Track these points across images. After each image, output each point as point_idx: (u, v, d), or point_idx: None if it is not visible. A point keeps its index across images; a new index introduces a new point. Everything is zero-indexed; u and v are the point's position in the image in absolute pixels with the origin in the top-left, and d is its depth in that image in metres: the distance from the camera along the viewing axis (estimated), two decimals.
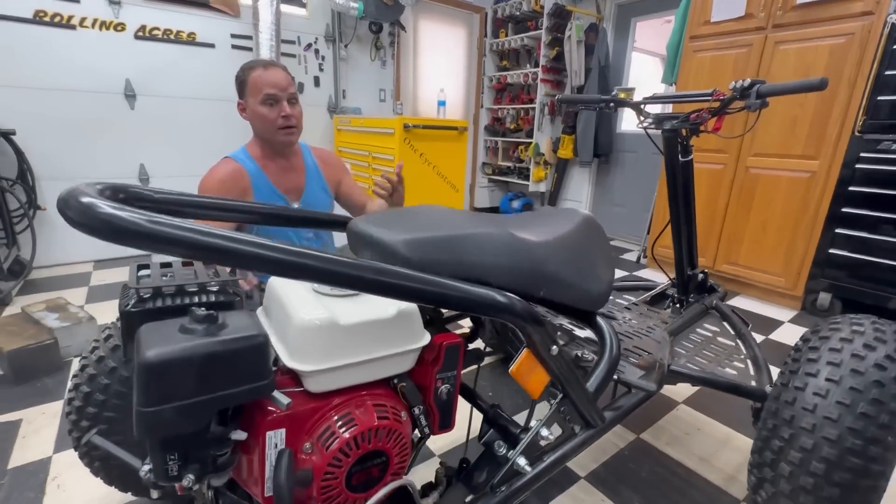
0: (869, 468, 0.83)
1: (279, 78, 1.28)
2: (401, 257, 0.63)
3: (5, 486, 1.12)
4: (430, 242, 0.64)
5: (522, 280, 0.71)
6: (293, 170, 1.41)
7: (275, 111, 1.27)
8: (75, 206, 0.42)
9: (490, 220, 0.78)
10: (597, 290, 0.84)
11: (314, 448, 0.55)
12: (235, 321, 0.49)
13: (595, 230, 0.96)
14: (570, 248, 0.82)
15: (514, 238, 0.71)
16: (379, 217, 0.72)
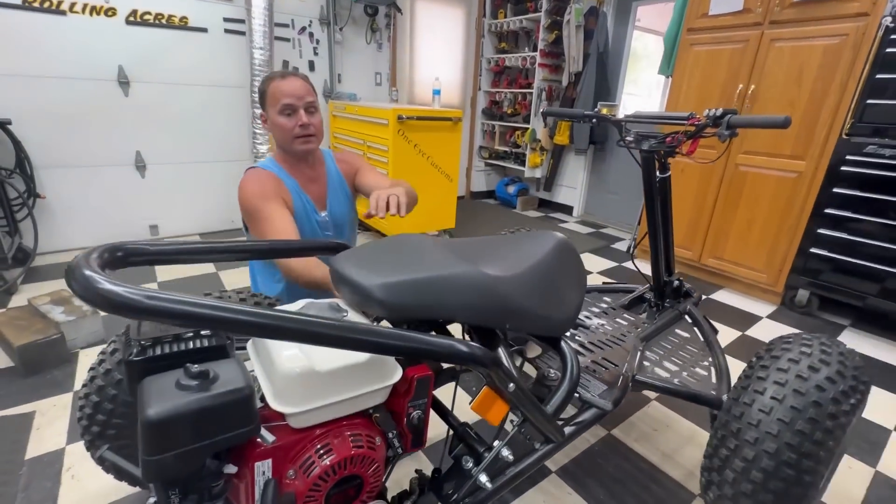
0: (801, 478, 0.93)
1: (296, 87, 1.26)
2: (375, 300, 0.70)
3: (24, 476, 1.22)
4: (403, 286, 0.71)
5: (488, 317, 0.78)
6: (317, 180, 1.41)
7: (292, 121, 1.27)
8: (79, 279, 0.48)
9: (463, 255, 0.84)
10: (561, 318, 0.91)
11: (297, 474, 0.63)
12: (225, 373, 0.57)
13: (566, 254, 1.02)
14: (538, 279, 0.88)
15: (482, 276, 0.78)
16: (357, 257, 0.78)
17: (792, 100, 2.29)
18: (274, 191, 1.26)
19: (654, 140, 1.25)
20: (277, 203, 1.24)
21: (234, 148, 3.19)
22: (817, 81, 2.19)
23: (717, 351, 1.39)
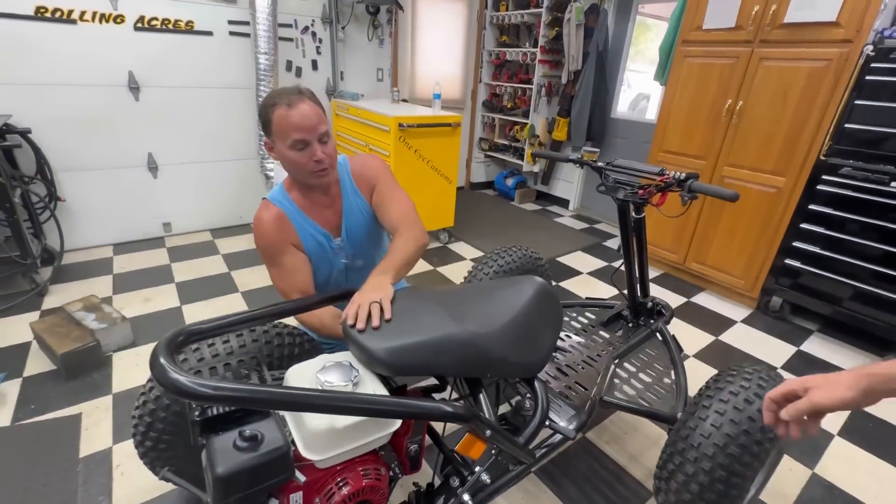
0: (729, 493, 1.13)
1: (307, 118, 1.12)
2: (379, 362, 0.88)
3: (81, 472, 1.44)
4: (402, 350, 0.88)
5: (472, 369, 0.96)
6: (331, 204, 1.32)
7: (305, 155, 1.15)
8: (156, 368, 0.67)
9: (452, 312, 1.00)
10: (535, 360, 1.09)
11: (322, 502, 0.82)
12: (268, 432, 0.75)
13: (543, 299, 1.18)
14: (515, 330, 1.05)
15: (467, 335, 0.95)
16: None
17: (777, 118, 2.39)
18: (280, 242, 1.24)
19: (629, 190, 1.39)
20: (286, 252, 1.24)
21: (241, 147, 3.31)
22: (801, 102, 2.29)
23: (679, 370, 1.58)
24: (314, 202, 1.30)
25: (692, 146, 2.78)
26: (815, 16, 2.16)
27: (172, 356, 0.72)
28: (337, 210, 1.33)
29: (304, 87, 1.20)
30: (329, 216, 1.32)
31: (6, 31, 2.40)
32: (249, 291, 2.58)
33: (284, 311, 1.07)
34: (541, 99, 4.11)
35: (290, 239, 1.27)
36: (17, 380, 1.81)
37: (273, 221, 1.24)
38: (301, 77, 3.41)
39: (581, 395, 1.33)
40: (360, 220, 1.36)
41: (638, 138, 3.77)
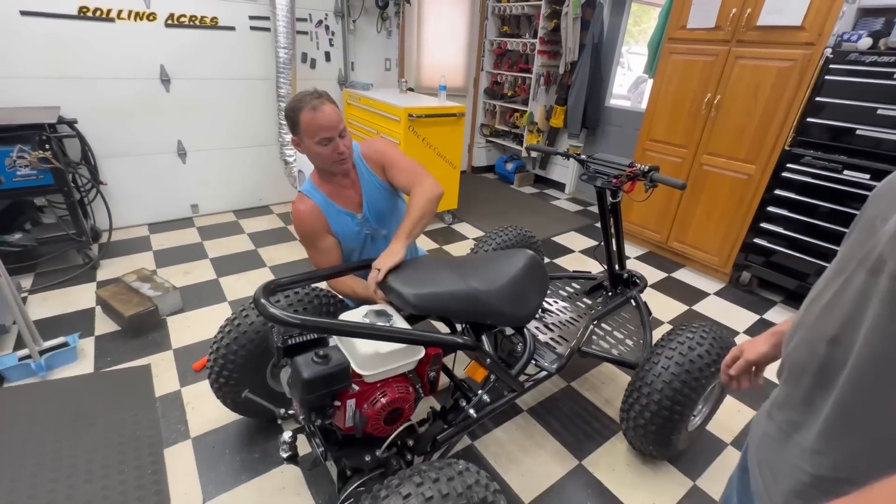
0: (673, 417, 1.46)
1: (330, 119, 1.35)
2: (410, 304, 1.19)
3: (159, 407, 1.78)
4: (425, 297, 1.20)
5: (475, 315, 1.28)
6: (351, 185, 1.54)
7: (329, 149, 1.39)
8: (260, 306, 0.99)
9: (461, 274, 1.31)
10: (525, 314, 1.41)
11: (368, 406, 1.15)
12: (334, 354, 1.07)
13: (533, 268, 1.49)
14: (509, 289, 1.37)
15: (473, 290, 1.26)
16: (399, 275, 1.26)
17: (749, 111, 2.66)
18: (316, 230, 1.48)
19: (605, 178, 1.69)
20: (321, 238, 1.50)
21: (262, 134, 3.58)
22: (770, 98, 2.56)
23: (647, 329, 1.90)
24: (338, 186, 1.53)
25: (676, 135, 3.05)
26: (784, 20, 2.41)
27: (268, 299, 1.04)
28: (357, 189, 1.56)
29: (321, 90, 1.42)
30: (352, 195, 1.56)
31: (54, 31, 2.65)
32: (276, 266, 2.90)
33: (331, 275, 1.39)
34: (539, 88, 4.34)
35: (324, 226, 1.51)
36: (91, 338, 2.14)
37: (309, 213, 1.49)
38: (315, 68, 3.65)
39: (563, 346, 1.66)
40: (377, 194, 1.58)
41: (630, 126, 4.02)
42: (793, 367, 0.61)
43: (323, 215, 1.51)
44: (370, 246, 1.64)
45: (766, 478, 0.63)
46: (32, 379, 1.86)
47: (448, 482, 0.95)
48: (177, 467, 1.56)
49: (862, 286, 0.51)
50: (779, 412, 0.64)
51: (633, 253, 3.44)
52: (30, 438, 1.56)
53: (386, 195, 1.61)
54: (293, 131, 1.42)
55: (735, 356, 0.86)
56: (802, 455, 0.57)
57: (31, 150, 2.33)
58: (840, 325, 0.53)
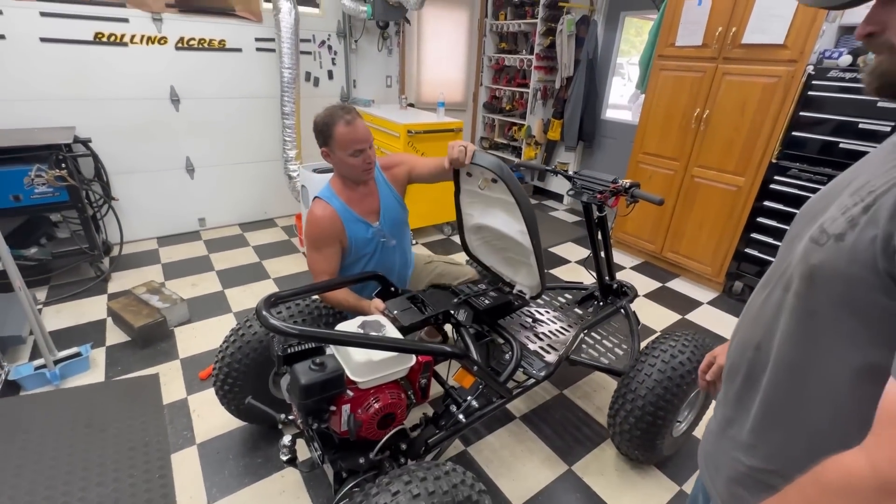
0: (656, 423, 1.52)
1: (363, 133, 1.49)
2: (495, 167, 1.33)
3: (167, 414, 1.86)
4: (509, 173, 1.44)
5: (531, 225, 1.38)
6: (370, 194, 1.65)
7: (360, 160, 1.51)
8: (262, 317, 1.07)
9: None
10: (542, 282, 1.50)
11: (362, 411, 1.22)
12: (329, 362, 1.15)
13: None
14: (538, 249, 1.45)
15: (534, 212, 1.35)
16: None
17: (737, 126, 2.74)
18: (329, 236, 1.56)
19: (591, 194, 1.77)
20: (329, 245, 1.58)
21: (267, 150, 3.70)
22: (757, 113, 2.64)
23: (635, 338, 1.96)
24: (357, 193, 1.63)
25: (667, 149, 3.14)
26: (767, 38, 2.50)
27: (270, 310, 1.12)
28: (376, 198, 1.67)
29: (349, 105, 1.56)
30: (370, 203, 1.66)
31: (72, 55, 2.79)
32: (280, 278, 2.99)
33: (328, 287, 1.48)
34: (537, 102, 4.46)
35: (337, 232, 1.59)
36: (102, 348, 2.23)
37: (328, 218, 1.57)
38: (318, 86, 3.79)
39: (552, 354, 1.73)
40: (392, 205, 1.70)
41: (624, 138, 4.11)
42: (729, 368, 0.69)
43: (340, 221, 1.59)
44: (380, 253, 1.72)
45: (710, 469, 0.70)
46: (47, 387, 1.95)
47: (435, 481, 1.02)
48: (183, 471, 1.63)
49: (778, 300, 0.59)
50: (718, 408, 0.71)
51: (628, 263, 3.50)
52: (45, 444, 1.64)
53: (400, 208, 1.73)
54: (324, 143, 1.53)
55: (710, 362, 0.88)
56: (738, 447, 0.64)
57: (49, 169, 2.46)
58: (763, 333, 0.61)
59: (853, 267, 0.47)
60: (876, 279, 0.45)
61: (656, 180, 3.24)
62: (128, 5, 2.88)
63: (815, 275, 0.52)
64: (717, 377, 0.86)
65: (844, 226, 0.49)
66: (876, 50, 0.51)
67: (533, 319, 1.99)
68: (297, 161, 3.42)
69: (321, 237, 1.59)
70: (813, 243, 0.53)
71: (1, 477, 1.50)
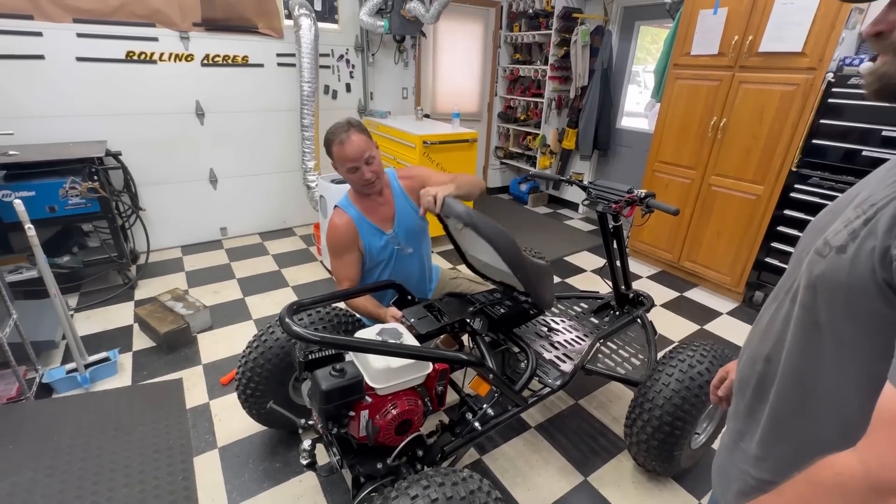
0: (674, 433, 1.51)
1: (356, 149, 1.51)
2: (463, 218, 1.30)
3: (190, 418, 1.92)
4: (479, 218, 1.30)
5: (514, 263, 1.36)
6: (385, 203, 1.68)
7: (357, 176, 1.56)
8: (285, 324, 1.10)
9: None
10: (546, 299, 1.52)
11: (380, 417, 1.25)
12: (349, 368, 1.18)
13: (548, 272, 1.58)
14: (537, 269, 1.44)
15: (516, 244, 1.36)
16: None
17: (755, 134, 2.72)
18: (347, 242, 1.63)
19: (605, 203, 1.78)
20: (349, 251, 1.64)
21: (287, 162, 3.80)
22: (775, 121, 2.61)
23: (652, 348, 1.95)
24: (373, 203, 1.69)
25: (684, 157, 3.12)
26: (785, 46, 2.49)
27: (292, 318, 1.16)
28: (391, 207, 1.71)
29: (353, 120, 1.58)
30: (385, 211, 1.70)
31: (105, 73, 2.93)
32: (298, 286, 3.05)
33: (347, 295, 1.52)
34: (551, 111, 4.48)
35: (354, 239, 1.65)
36: (129, 353, 2.31)
37: (345, 226, 1.64)
38: (336, 99, 3.88)
39: (567, 363, 1.73)
40: (408, 214, 1.72)
41: (640, 147, 4.09)
42: (740, 381, 0.69)
43: (356, 229, 1.65)
44: (396, 261, 1.75)
45: (722, 482, 0.71)
46: (78, 390, 2.03)
47: (452, 486, 1.04)
48: (205, 474, 1.68)
49: (786, 312, 0.60)
50: (730, 421, 0.72)
51: (645, 272, 3.47)
52: (76, 445, 1.71)
53: (417, 218, 1.73)
54: (329, 155, 1.60)
55: (722, 377, 0.86)
56: (748, 460, 0.64)
57: (82, 181, 2.58)
58: (772, 345, 0.62)
59: (853, 278, 0.48)
60: (875, 289, 0.46)
61: (673, 189, 3.22)
62: (157, 25, 3.01)
63: (818, 286, 0.53)
64: (729, 392, 0.83)
65: (846, 238, 0.50)
66: (882, 50, 0.52)
67: (548, 328, 1.99)
68: (315, 172, 3.50)
69: (340, 244, 1.65)
70: (817, 255, 0.54)
71: (34, 476, 1.56)
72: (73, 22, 2.77)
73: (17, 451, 1.65)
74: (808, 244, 0.61)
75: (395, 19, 3.55)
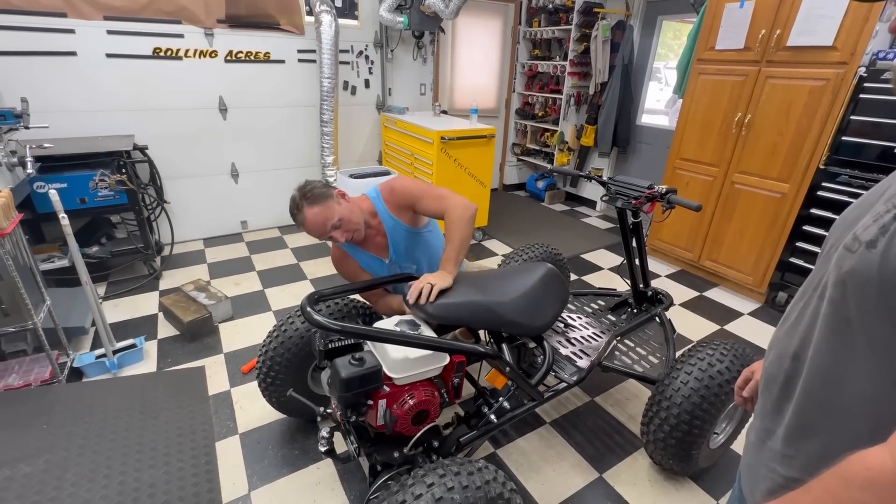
0: (692, 431, 1.49)
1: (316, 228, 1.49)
2: (429, 314, 1.31)
3: (212, 405, 1.97)
4: (443, 307, 1.32)
5: (491, 324, 1.39)
6: (377, 233, 1.63)
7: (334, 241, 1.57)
8: (306, 313, 1.13)
9: (479, 288, 1.42)
10: (541, 324, 1.50)
11: (397, 406, 1.27)
12: (368, 357, 1.20)
13: (551, 279, 1.57)
14: (524, 300, 1.46)
15: (487, 301, 1.37)
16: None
17: (781, 130, 2.65)
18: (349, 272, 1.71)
19: (625, 199, 1.76)
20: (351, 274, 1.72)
21: (306, 156, 3.86)
22: (802, 117, 2.54)
23: (671, 346, 1.93)
24: (366, 236, 1.61)
25: (706, 154, 3.06)
26: (815, 40, 2.41)
27: (313, 307, 1.19)
28: (383, 235, 1.63)
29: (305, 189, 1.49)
30: (379, 241, 1.65)
31: (133, 69, 3.02)
32: (316, 279, 3.10)
33: (366, 287, 1.54)
34: (570, 108, 4.44)
35: (355, 267, 1.71)
36: (154, 341, 2.39)
37: (340, 259, 1.72)
38: (355, 95, 3.92)
39: (584, 359, 1.72)
40: (401, 236, 1.64)
41: (660, 144, 4.03)
42: (766, 379, 0.68)
43: (352, 259, 1.71)
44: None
45: (749, 481, 0.70)
46: (106, 375, 2.11)
47: (468, 476, 1.05)
48: (226, 459, 1.73)
49: (814, 309, 0.59)
50: (756, 420, 0.71)
51: (664, 271, 3.42)
52: (105, 427, 1.78)
53: (410, 236, 1.65)
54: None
55: (747, 378, 0.84)
56: (775, 458, 0.63)
57: (111, 174, 2.66)
58: (799, 342, 0.61)
59: (884, 273, 0.47)
60: None
61: (694, 186, 3.16)
62: (183, 22, 3.08)
63: (847, 282, 0.52)
64: (754, 393, 0.83)
65: (876, 233, 0.49)
66: None
67: (565, 324, 1.98)
68: (334, 166, 3.54)
69: (345, 274, 1.73)
70: (846, 250, 0.53)
71: (67, 455, 1.63)
72: (103, 19, 2.86)
73: (50, 431, 1.72)
74: (836, 240, 0.60)
75: (415, 15, 3.56)
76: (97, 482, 1.53)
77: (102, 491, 1.50)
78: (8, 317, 1.79)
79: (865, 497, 0.43)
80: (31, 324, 1.81)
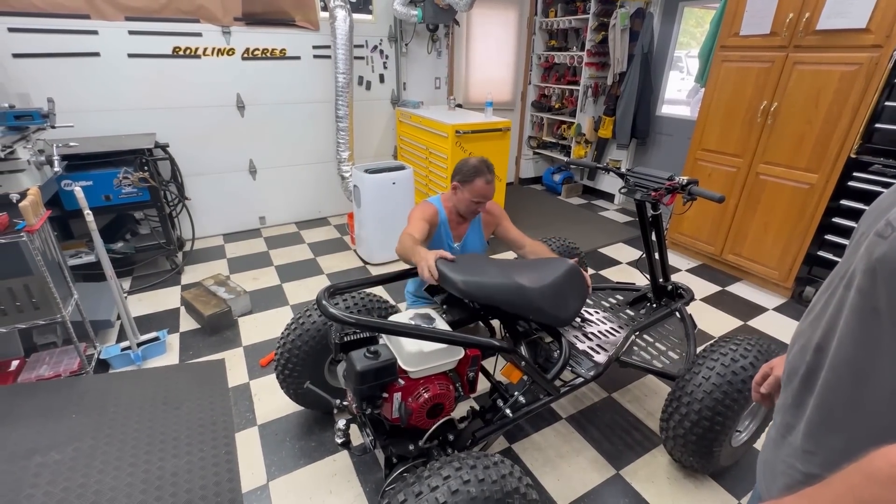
0: (714, 428, 1.45)
1: (490, 194, 1.76)
2: (458, 289, 1.30)
3: (231, 396, 2.01)
4: (475, 284, 1.31)
5: (518, 308, 1.37)
6: (465, 223, 1.91)
7: (475, 207, 1.79)
8: (322, 306, 1.13)
9: (508, 271, 1.41)
10: (564, 317, 1.48)
11: (412, 399, 1.27)
12: (383, 351, 1.20)
13: (573, 276, 1.55)
14: (552, 290, 1.44)
15: (519, 285, 1.36)
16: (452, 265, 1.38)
17: (809, 119, 2.54)
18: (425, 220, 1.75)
19: (644, 191, 1.72)
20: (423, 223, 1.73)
21: (322, 152, 3.89)
22: (833, 104, 2.44)
23: (691, 342, 1.88)
24: (456, 219, 1.89)
25: (730, 145, 2.97)
26: (847, 23, 2.31)
27: (329, 301, 1.19)
28: (465, 226, 1.92)
29: (490, 164, 1.77)
30: (461, 229, 1.92)
31: (153, 68, 3.08)
32: (332, 274, 3.13)
33: (383, 280, 1.54)
34: (587, 99, 4.35)
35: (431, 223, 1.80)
36: (177, 334, 2.45)
37: (429, 210, 1.80)
38: (370, 90, 3.92)
39: (601, 354, 1.70)
40: (475, 239, 1.94)
41: (681, 135, 3.92)
42: (788, 373, 0.65)
43: (437, 220, 1.85)
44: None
45: (767, 477, 0.67)
46: (131, 367, 2.17)
47: (484, 469, 1.04)
48: (245, 449, 1.76)
49: (840, 299, 0.56)
50: (777, 415, 0.68)
51: (685, 265, 3.34)
52: (130, 416, 1.83)
53: (482, 242, 1.98)
54: (460, 182, 1.77)
55: (765, 373, 0.81)
56: (795, 454, 0.61)
57: (134, 172, 2.73)
58: (823, 333, 0.58)
59: None
60: None
61: (716, 178, 3.07)
62: (201, 20, 3.13)
63: (878, 269, 0.49)
64: (773, 389, 0.80)
65: None
66: None
67: (582, 319, 1.95)
68: (349, 162, 3.56)
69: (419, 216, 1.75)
70: (877, 237, 0.50)
71: (95, 444, 1.69)
72: (124, 20, 2.92)
73: (79, 420, 1.78)
74: (867, 227, 0.57)
75: (429, 8, 3.53)
76: (123, 470, 1.58)
77: (128, 479, 1.54)
78: (38, 310, 1.85)
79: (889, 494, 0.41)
80: (59, 317, 1.87)
